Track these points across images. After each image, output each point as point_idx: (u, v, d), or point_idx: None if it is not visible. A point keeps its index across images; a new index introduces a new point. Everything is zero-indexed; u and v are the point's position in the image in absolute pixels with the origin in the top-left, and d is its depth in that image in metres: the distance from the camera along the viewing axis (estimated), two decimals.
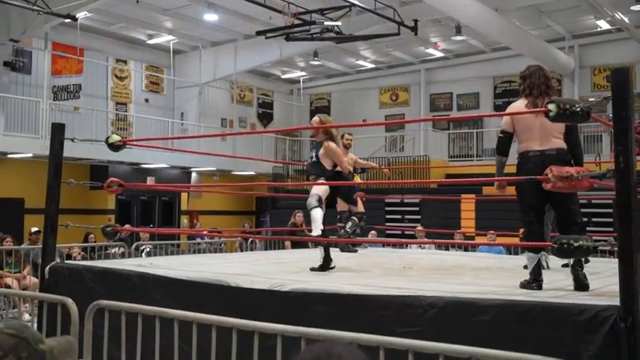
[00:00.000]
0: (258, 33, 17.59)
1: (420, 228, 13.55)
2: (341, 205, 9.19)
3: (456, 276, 5.95)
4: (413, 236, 13.82)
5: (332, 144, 6.44)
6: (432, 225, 15.65)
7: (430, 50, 22.80)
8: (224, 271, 6.04)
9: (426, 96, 24.34)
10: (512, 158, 5.15)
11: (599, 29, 20.38)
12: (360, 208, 9.28)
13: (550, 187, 4.46)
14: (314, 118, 6.79)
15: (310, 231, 6.59)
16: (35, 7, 15.21)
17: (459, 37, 19.76)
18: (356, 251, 9.02)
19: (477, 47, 22.24)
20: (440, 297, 4.20)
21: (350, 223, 9.01)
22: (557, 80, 21.11)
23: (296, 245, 11.27)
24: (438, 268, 6.67)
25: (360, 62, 24.49)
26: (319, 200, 6.42)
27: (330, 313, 4.50)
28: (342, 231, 9.03)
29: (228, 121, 24.13)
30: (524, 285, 4.70)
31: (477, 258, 8.72)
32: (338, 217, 9.21)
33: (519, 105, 5.04)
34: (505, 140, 5.08)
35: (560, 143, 4.83)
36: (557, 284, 4.82)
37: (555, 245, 4.16)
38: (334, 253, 8.99)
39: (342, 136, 9.39)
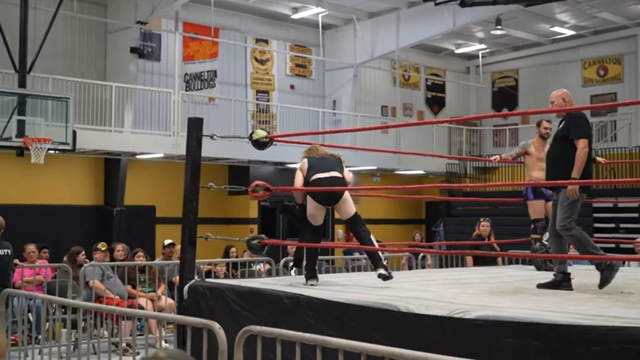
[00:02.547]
0: None
1: None
2: (535, 213, 9.02)
3: None
4: (632, 251, 13.23)
5: None
6: None
7: None
8: (391, 293, 6.14)
9: None
10: None
11: None
12: None
13: None
14: None
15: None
16: None
17: None
18: None
19: None
20: None
21: (547, 235, 8.84)
22: None
23: (479, 262, 11.17)
24: None
25: (557, 29, 23.78)
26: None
27: (526, 346, 4.48)
28: (538, 244, 8.88)
29: (390, 109, 24.25)
30: None
31: None
32: (532, 227, 9.06)
33: None
34: None
35: None
36: None
37: None
38: (532, 271, 8.84)
39: (539, 124, 9.22)
